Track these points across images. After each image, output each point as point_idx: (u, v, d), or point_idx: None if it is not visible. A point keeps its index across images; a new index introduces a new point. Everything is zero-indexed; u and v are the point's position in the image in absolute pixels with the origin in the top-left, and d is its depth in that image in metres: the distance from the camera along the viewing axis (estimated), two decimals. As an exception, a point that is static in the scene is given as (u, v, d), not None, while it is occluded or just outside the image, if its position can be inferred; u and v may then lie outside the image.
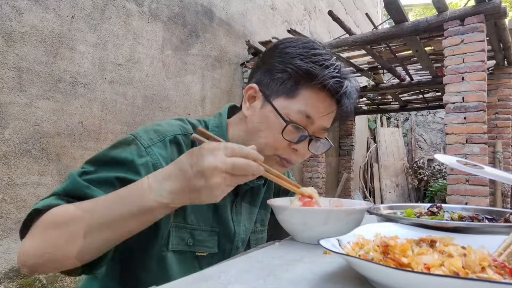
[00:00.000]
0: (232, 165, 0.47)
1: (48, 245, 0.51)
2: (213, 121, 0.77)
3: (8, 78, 2.04)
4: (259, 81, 0.72)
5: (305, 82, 0.66)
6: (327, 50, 0.69)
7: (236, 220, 0.76)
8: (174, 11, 3.26)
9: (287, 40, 0.72)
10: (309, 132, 0.69)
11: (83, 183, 0.57)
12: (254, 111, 0.71)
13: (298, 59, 0.67)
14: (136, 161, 0.61)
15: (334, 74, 0.65)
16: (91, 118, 2.51)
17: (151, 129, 0.67)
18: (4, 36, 2.03)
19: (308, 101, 0.67)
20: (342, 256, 0.43)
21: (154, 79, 3.05)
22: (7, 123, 2.03)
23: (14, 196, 2.06)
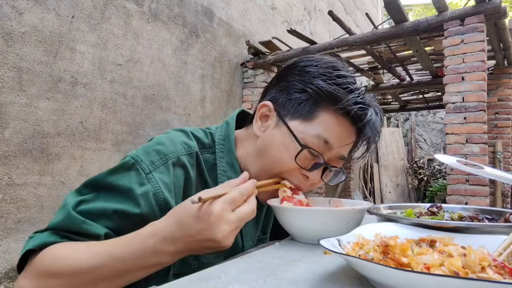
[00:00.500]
0: (240, 220, 0.49)
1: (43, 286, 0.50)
2: (219, 132, 0.72)
3: (8, 78, 2.04)
4: (274, 99, 0.67)
5: (326, 105, 0.61)
6: (351, 73, 0.65)
7: (244, 234, 0.73)
8: (174, 11, 3.26)
9: (309, 58, 0.67)
10: (325, 160, 0.64)
11: (78, 218, 0.54)
12: (266, 132, 0.66)
13: (320, 79, 0.62)
14: (136, 191, 0.57)
15: (358, 100, 0.60)
16: (91, 118, 2.51)
17: (153, 150, 0.62)
18: (4, 36, 2.03)
19: (327, 125, 0.62)
20: (342, 256, 0.43)
21: (154, 79, 3.05)
22: (7, 123, 2.03)
23: (14, 196, 2.06)
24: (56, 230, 0.54)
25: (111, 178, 0.58)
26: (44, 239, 0.53)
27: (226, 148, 0.69)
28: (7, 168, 2.03)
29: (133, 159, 0.60)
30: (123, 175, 0.59)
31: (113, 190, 0.57)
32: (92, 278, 0.49)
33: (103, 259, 0.49)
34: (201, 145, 0.69)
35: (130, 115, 2.81)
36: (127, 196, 0.57)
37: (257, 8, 4.59)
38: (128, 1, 2.81)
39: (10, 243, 2.02)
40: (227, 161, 0.69)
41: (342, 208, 0.72)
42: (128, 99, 2.80)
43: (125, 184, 0.57)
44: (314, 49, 3.98)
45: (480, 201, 2.87)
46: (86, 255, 0.50)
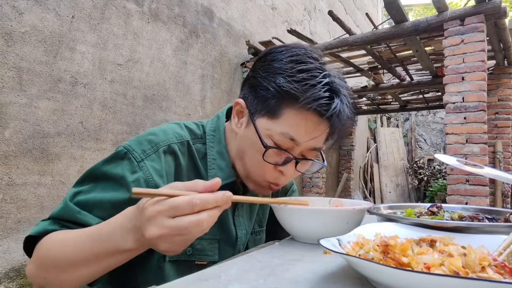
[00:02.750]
0: (177, 229, 0.42)
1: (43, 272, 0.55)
2: (210, 124, 0.74)
3: (8, 78, 2.05)
4: (245, 96, 0.68)
5: (287, 102, 0.60)
6: (318, 64, 0.62)
7: (238, 224, 0.74)
8: (174, 11, 3.26)
9: (276, 51, 0.65)
10: (295, 154, 0.64)
11: (74, 209, 0.58)
12: (242, 129, 0.68)
13: (281, 76, 0.60)
14: (128, 179, 0.59)
15: (321, 95, 0.59)
16: (91, 118, 2.51)
17: (145, 139, 0.64)
18: (4, 36, 2.03)
19: (292, 122, 0.61)
20: (342, 256, 0.43)
21: (154, 79, 3.05)
22: (7, 123, 2.03)
23: (14, 196, 2.06)
24: (56, 219, 0.59)
25: (105, 168, 0.62)
26: (45, 227, 0.57)
27: (216, 139, 0.72)
28: (7, 168, 2.03)
29: (126, 149, 0.63)
30: (116, 164, 0.62)
31: (107, 179, 0.61)
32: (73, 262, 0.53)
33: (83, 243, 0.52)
34: (193, 135, 0.71)
35: (130, 115, 2.81)
36: (121, 184, 0.60)
37: (257, 8, 4.59)
38: (128, 1, 2.81)
39: (10, 243, 2.02)
40: (217, 150, 0.71)
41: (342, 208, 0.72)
42: (128, 99, 2.81)
43: (118, 172, 0.60)
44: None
45: (480, 201, 2.87)
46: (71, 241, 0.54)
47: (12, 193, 2.05)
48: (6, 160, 2.03)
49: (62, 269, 0.53)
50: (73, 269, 0.53)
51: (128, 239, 0.48)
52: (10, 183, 2.04)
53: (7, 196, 2.02)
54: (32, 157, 2.15)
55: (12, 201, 2.05)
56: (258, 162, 0.64)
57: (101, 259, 0.51)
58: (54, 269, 0.54)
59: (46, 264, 0.54)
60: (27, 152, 2.13)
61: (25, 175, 2.11)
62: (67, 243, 0.54)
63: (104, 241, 0.50)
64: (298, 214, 0.65)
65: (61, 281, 0.54)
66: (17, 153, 2.08)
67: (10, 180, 2.04)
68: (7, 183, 2.03)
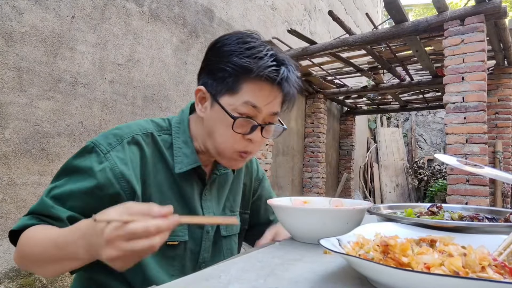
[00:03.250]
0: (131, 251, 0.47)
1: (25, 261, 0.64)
2: (175, 118, 0.82)
3: (8, 78, 2.05)
4: (205, 82, 0.75)
5: (244, 76, 0.69)
6: (261, 41, 0.73)
7: (205, 207, 0.79)
8: (174, 11, 3.26)
9: (222, 38, 0.75)
10: (259, 121, 0.72)
11: (48, 203, 0.64)
12: (206, 112, 0.75)
13: (234, 56, 0.70)
14: (95, 169, 0.66)
15: (269, 64, 0.68)
16: (91, 118, 2.51)
17: (110, 134, 0.72)
18: (4, 36, 2.03)
19: (250, 92, 0.70)
20: (342, 256, 0.43)
21: (154, 79, 3.05)
22: (7, 123, 2.03)
23: (14, 196, 2.06)
24: (34, 214, 0.66)
25: (75, 161, 0.69)
26: (25, 222, 0.65)
27: (182, 130, 0.79)
28: (7, 168, 2.03)
29: (93, 143, 0.70)
30: (85, 157, 0.69)
31: (78, 172, 0.67)
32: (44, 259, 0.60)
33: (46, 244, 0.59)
34: (159, 127, 0.78)
35: (130, 115, 2.81)
36: (89, 174, 0.66)
37: (257, 8, 4.59)
38: (128, 1, 2.81)
39: (10, 243, 2.02)
40: (183, 139, 0.78)
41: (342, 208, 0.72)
42: (128, 99, 2.81)
43: (87, 165, 0.67)
44: (314, 49, 3.98)
45: (480, 201, 2.87)
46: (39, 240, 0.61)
47: (12, 193, 2.05)
48: (6, 160, 2.03)
49: (35, 263, 0.62)
50: (43, 265, 0.62)
51: (81, 252, 0.54)
52: (10, 183, 2.04)
53: (7, 196, 2.02)
54: (32, 157, 2.15)
55: (12, 201, 2.05)
56: (228, 135, 0.71)
57: (64, 262, 0.58)
58: (30, 262, 0.63)
59: (24, 257, 0.63)
60: (27, 152, 2.13)
61: (25, 175, 2.11)
62: (37, 244, 0.60)
63: (64, 249, 0.56)
64: (298, 214, 0.65)
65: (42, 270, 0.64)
66: (17, 153, 2.08)
67: (10, 180, 2.04)
68: (7, 183, 2.03)
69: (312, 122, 5.74)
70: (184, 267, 0.75)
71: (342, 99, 6.62)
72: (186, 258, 0.75)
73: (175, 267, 0.73)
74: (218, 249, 0.82)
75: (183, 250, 0.74)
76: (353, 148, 7.16)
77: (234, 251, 0.87)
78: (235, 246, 0.88)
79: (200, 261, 0.78)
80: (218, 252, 0.82)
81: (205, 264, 0.78)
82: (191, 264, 0.77)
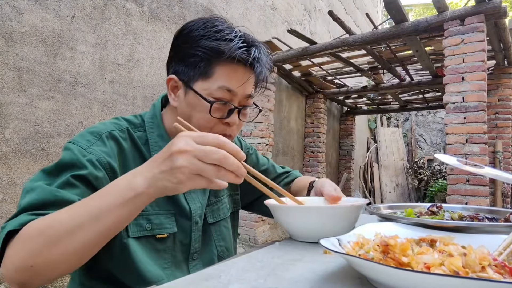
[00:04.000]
0: (203, 152, 0.47)
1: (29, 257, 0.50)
2: (148, 114, 0.81)
3: (8, 78, 2.05)
4: (176, 71, 0.74)
5: (216, 60, 0.69)
6: (228, 24, 0.73)
7: (190, 198, 0.79)
8: (174, 11, 3.26)
9: (189, 24, 0.73)
10: (236, 104, 0.72)
11: (52, 188, 0.57)
12: (180, 101, 0.74)
13: (203, 40, 0.69)
14: (81, 159, 0.63)
15: (240, 45, 0.68)
16: (91, 118, 2.51)
17: (86, 132, 0.70)
18: (4, 36, 2.03)
19: (224, 76, 0.70)
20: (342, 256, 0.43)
21: (154, 79, 3.05)
22: (7, 123, 2.03)
23: (14, 196, 2.06)
24: (30, 211, 0.55)
25: (59, 162, 0.63)
26: (21, 219, 0.53)
27: (155, 124, 0.78)
28: (7, 168, 2.03)
29: (71, 143, 0.67)
30: (68, 155, 0.64)
31: (63, 167, 0.62)
32: (70, 226, 0.50)
33: (79, 204, 0.52)
34: (132, 125, 0.78)
35: (130, 115, 2.81)
36: (76, 165, 0.62)
37: (257, 8, 4.59)
38: (128, 1, 2.81)
39: (10, 243, 2.02)
40: (157, 133, 0.78)
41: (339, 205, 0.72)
42: (128, 99, 2.81)
43: (71, 157, 0.63)
44: (314, 49, 3.98)
45: (480, 201, 2.87)
46: (66, 208, 0.53)
47: (12, 193, 2.05)
48: (6, 160, 2.03)
49: (56, 241, 0.50)
50: (69, 237, 0.50)
51: (138, 182, 0.50)
52: (10, 183, 2.04)
53: (7, 196, 2.02)
54: (32, 157, 2.15)
55: (12, 201, 2.05)
56: (205, 120, 0.71)
57: (103, 216, 0.50)
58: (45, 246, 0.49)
59: (34, 245, 0.50)
60: (27, 152, 2.13)
61: (25, 175, 2.11)
62: (62, 212, 0.52)
63: (108, 195, 0.51)
64: (295, 213, 0.65)
65: (53, 262, 0.50)
66: (17, 153, 2.08)
67: (10, 180, 2.04)
68: (7, 183, 2.03)
69: (312, 122, 5.74)
70: (176, 258, 0.75)
71: (342, 99, 6.62)
72: (176, 250, 0.75)
73: (167, 260, 0.73)
74: (209, 237, 0.82)
75: (172, 242, 0.74)
76: (353, 148, 7.16)
77: (225, 235, 0.86)
78: (227, 231, 0.88)
79: (192, 251, 0.78)
80: (209, 240, 0.82)
81: (197, 254, 0.79)
82: (182, 255, 0.76)
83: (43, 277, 0.52)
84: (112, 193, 0.51)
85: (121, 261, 0.68)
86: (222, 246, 0.85)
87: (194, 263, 0.78)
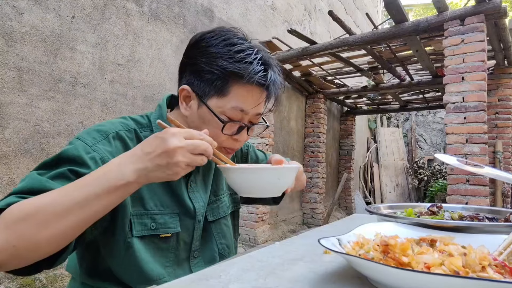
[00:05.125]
0: (192, 145, 0.54)
1: (14, 238, 0.50)
2: (154, 114, 0.82)
3: (8, 78, 2.05)
4: (190, 82, 0.74)
5: (233, 80, 0.70)
6: (248, 43, 0.73)
7: (193, 198, 0.80)
8: (174, 11, 3.26)
9: (207, 36, 0.74)
10: (246, 122, 0.74)
11: (42, 178, 0.57)
12: (192, 112, 0.75)
13: (222, 59, 0.70)
14: (84, 156, 0.63)
15: (258, 69, 0.70)
16: (91, 118, 2.51)
17: (93, 130, 0.70)
18: (4, 36, 2.03)
19: (239, 97, 0.71)
20: (342, 255, 0.43)
21: (154, 79, 3.05)
22: (7, 123, 2.03)
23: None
24: (19, 194, 0.55)
25: (61, 154, 0.63)
26: (9, 200, 0.53)
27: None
28: (7, 168, 2.03)
29: (77, 138, 0.67)
30: (71, 149, 0.64)
31: (64, 160, 0.62)
32: (59, 210, 0.51)
33: (69, 188, 0.53)
34: (139, 124, 0.78)
35: (130, 115, 2.81)
36: (78, 161, 0.62)
37: (257, 8, 4.59)
38: (128, 1, 2.81)
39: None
40: None
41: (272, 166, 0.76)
42: (128, 99, 2.81)
43: (73, 153, 0.63)
44: (314, 49, 3.98)
45: (480, 201, 2.86)
46: (54, 192, 0.54)
47: (12, 193, 2.05)
48: (6, 160, 2.03)
49: (43, 222, 0.50)
50: (56, 220, 0.51)
51: (128, 172, 0.53)
52: (10, 183, 2.04)
53: (7, 196, 2.02)
54: (32, 157, 2.15)
55: (12, 201, 2.05)
56: (215, 135, 0.71)
57: (92, 201, 0.52)
58: (31, 226, 0.50)
59: (20, 225, 0.50)
60: (27, 152, 2.13)
61: (25, 175, 2.11)
62: (52, 193, 0.53)
63: (98, 179, 0.53)
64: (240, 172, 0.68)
65: (37, 243, 0.51)
66: (17, 153, 2.08)
67: (10, 180, 2.04)
68: (7, 183, 2.03)
69: (312, 122, 5.74)
70: (178, 257, 0.76)
71: (342, 99, 6.61)
72: (179, 249, 0.76)
73: (169, 258, 0.74)
74: (209, 235, 0.83)
75: (175, 241, 0.75)
76: (353, 148, 7.16)
77: (226, 233, 0.87)
78: (227, 229, 0.89)
79: (193, 249, 0.79)
80: (210, 238, 0.83)
81: (198, 252, 0.80)
82: (184, 254, 0.77)
83: (22, 259, 0.52)
84: (101, 181, 0.53)
85: (124, 260, 0.68)
86: (223, 243, 0.85)
87: (196, 261, 0.79)
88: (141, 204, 0.71)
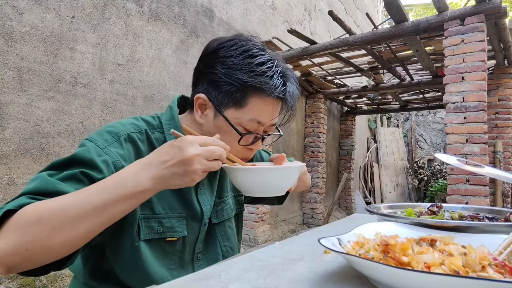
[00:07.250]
0: (208, 152, 0.55)
1: (27, 241, 0.49)
2: (165, 115, 0.81)
3: (9, 78, 2.05)
4: (207, 91, 0.73)
5: (252, 93, 0.70)
6: (268, 55, 0.72)
7: (202, 201, 0.80)
8: (174, 11, 3.26)
9: (227, 45, 0.72)
10: (261, 132, 0.75)
11: (53, 180, 0.57)
12: (207, 120, 0.75)
13: (243, 72, 0.69)
14: (96, 159, 0.62)
15: (278, 83, 0.70)
16: (91, 118, 2.51)
17: (104, 131, 0.69)
18: (4, 36, 2.03)
19: (257, 109, 0.71)
20: (342, 255, 0.43)
21: (154, 79, 3.05)
22: (7, 123, 2.03)
23: (14, 196, 2.06)
24: (31, 195, 0.55)
25: (72, 156, 0.63)
26: (21, 201, 0.52)
27: (173, 127, 0.78)
28: (7, 168, 2.03)
29: (89, 140, 0.67)
30: (83, 151, 0.64)
31: (75, 162, 0.62)
32: (74, 214, 0.51)
33: (85, 193, 0.53)
34: (150, 126, 0.78)
35: (130, 115, 2.81)
36: (89, 165, 0.61)
37: (257, 8, 4.59)
38: (128, 1, 2.81)
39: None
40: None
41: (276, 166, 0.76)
42: (128, 99, 2.81)
43: (85, 155, 0.62)
44: (314, 49, 3.98)
45: (480, 201, 2.86)
46: (69, 196, 0.53)
47: (12, 193, 2.05)
48: (6, 160, 2.03)
49: (59, 226, 0.50)
50: (72, 224, 0.50)
51: (145, 180, 0.54)
52: (10, 183, 2.04)
53: (7, 196, 2.02)
54: (32, 157, 2.15)
55: (12, 201, 2.05)
56: (231, 145, 0.71)
57: (109, 207, 0.52)
58: (46, 230, 0.49)
59: (34, 228, 0.49)
60: (27, 152, 2.13)
61: (25, 175, 2.11)
62: (67, 197, 0.52)
63: (115, 185, 0.53)
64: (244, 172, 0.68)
65: (50, 247, 0.50)
66: (17, 153, 2.08)
67: (10, 180, 2.04)
68: (7, 183, 2.03)
69: (312, 122, 5.74)
70: (183, 260, 0.76)
71: (342, 99, 6.61)
72: (184, 252, 0.76)
73: (174, 261, 0.74)
74: (213, 237, 0.83)
75: (181, 244, 0.75)
76: (353, 148, 7.16)
77: (230, 236, 0.87)
78: (231, 231, 0.88)
79: (196, 252, 0.78)
80: (214, 240, 0.83)
81: (201, 254, 0.80)
82: (189, 256, 0.77)
83: (33, 262, 0.51)
84: (119, 187, 0.53)
85: (129, 263, 0.68)
86: (227, 246, 0.85)
87: (199, 263, 0.79)
88: (149, 207, 0.71)
